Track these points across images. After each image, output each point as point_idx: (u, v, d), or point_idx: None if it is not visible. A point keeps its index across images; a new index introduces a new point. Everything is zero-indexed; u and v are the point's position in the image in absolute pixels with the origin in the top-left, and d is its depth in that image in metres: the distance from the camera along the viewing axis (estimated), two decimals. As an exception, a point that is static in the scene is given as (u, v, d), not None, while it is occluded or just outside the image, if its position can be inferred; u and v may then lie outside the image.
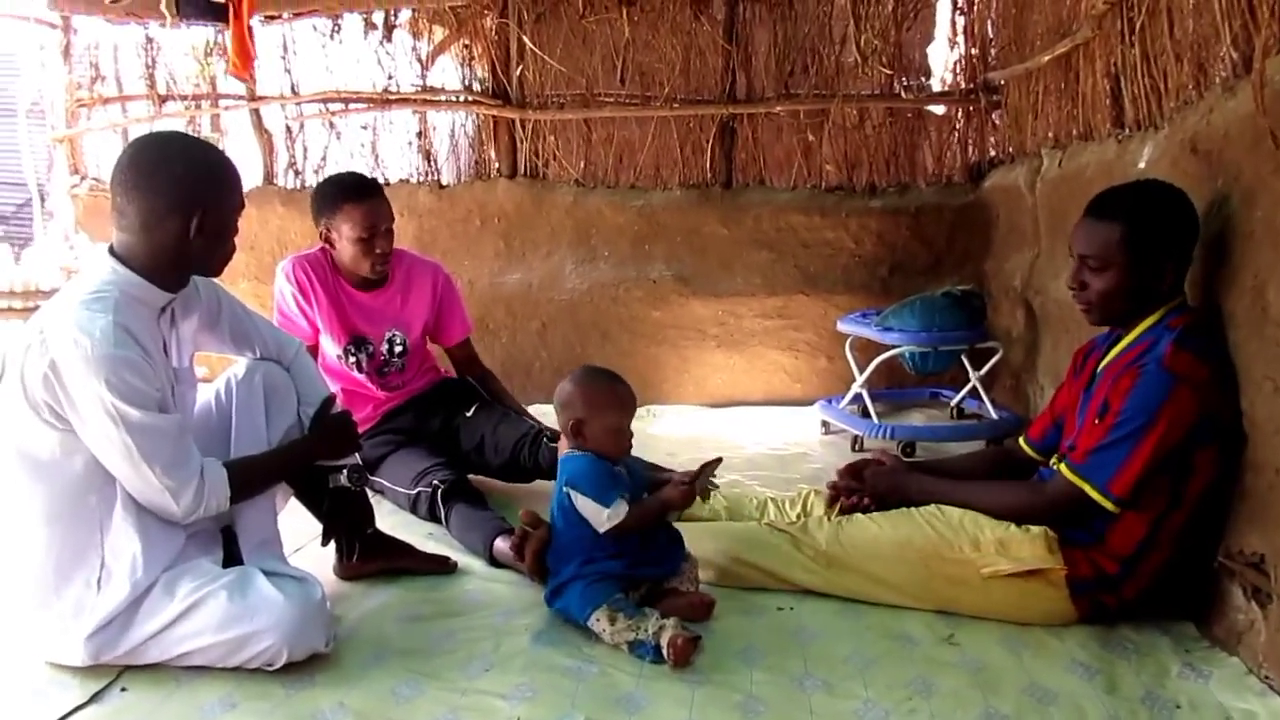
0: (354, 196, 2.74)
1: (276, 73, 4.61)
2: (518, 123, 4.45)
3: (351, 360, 2.89)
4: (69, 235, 4.85)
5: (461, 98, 4.51)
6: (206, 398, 2.10)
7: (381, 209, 2.78)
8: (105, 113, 4.84)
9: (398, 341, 2.94)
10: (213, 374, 2.79)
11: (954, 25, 4.26)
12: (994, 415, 3.53)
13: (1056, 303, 3.12)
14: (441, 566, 2.32)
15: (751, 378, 4.36)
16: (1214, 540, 1.91)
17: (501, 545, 2.32)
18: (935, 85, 4.34)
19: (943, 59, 4.41)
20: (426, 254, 3.34)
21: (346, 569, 2.27)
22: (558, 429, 2.19)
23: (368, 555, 2.26)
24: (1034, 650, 1.89)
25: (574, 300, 4.39)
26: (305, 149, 4.69)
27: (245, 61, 4.16)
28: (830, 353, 4.24)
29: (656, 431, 3.87)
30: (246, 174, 3.26)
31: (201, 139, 2.94)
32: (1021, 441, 2.38)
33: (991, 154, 4.19)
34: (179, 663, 1.78)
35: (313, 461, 2.11)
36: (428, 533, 2.54)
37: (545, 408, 2.87)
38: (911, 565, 2.05)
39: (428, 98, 4.55)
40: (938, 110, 4.34)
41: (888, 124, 4.29)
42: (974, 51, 4.18)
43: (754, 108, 4.32)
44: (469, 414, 2.92)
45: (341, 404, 2.44)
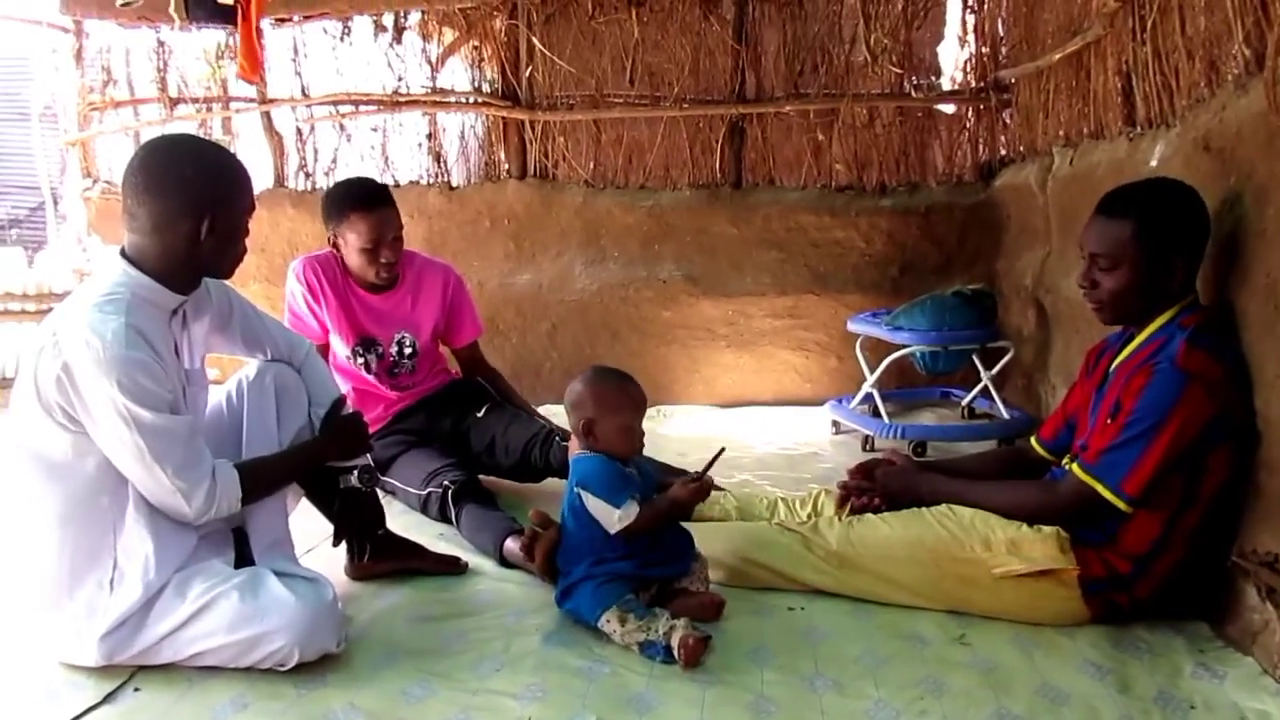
0: (361, 206, 2.74)
1: (287, 75, 4.63)
2: (527, 124, 4.46)
3: (360, 361, 2.90)
4: (81, 238, 4.88)
5: (471, 99, 4.52)
6: (218, 399, 2.10)
7: (388, 219, 2.77)
8: (117, 116, 4.88)
9: (407, 343, 2.94)
10: (224, 375, 2.80)
11: (964, 24, 4.25)
12: (1005, 415, 3.52)
13: (1068, 302, 3.11)
14: (452, 567, 2.33)
15: (761, 378, 4.36)
16: (1227, 540, 1.90)
17: (512, 546, 2.32)
18: (945, 84, 4.34)
19: (953, 57, 4.40)
20: (437, 255, 3.34)
21: (357, 569, 2.27)
22: (569, 429, 2.19)
23: (379, 556, 2.26)
24: (1046, 650, 1.88)
25: (584, 301, 4.39)
26: (316, 151, 4.71)
27: (254, 65, 4.19)
28: (841, 352, 4.23)
29: (667, 431, 3.86)
30: (257, 176, 3.27)
31: (212, 141, 2.96)
32: (1033, 441, 2.37)
33: (1002, 153, 4.17)
34: (191, 663, 1.79)
35: (323, 462, 2.12)
36: (438, 533, 2.54)
37: (555, 408, 2.87)
38: (923, 565, 2.04)
39: (437, 99, 4.56)
40: (948, 109, 4.33)
41: (898, 123, 4.29)
42: (984, 50, 4.17)
43: (763, 107, 4.31)
44: (480, 414, 2.92)
45: (352, 404, 2.45)
